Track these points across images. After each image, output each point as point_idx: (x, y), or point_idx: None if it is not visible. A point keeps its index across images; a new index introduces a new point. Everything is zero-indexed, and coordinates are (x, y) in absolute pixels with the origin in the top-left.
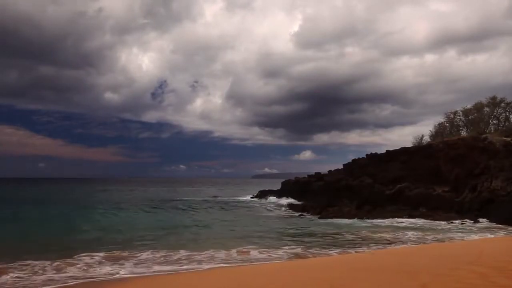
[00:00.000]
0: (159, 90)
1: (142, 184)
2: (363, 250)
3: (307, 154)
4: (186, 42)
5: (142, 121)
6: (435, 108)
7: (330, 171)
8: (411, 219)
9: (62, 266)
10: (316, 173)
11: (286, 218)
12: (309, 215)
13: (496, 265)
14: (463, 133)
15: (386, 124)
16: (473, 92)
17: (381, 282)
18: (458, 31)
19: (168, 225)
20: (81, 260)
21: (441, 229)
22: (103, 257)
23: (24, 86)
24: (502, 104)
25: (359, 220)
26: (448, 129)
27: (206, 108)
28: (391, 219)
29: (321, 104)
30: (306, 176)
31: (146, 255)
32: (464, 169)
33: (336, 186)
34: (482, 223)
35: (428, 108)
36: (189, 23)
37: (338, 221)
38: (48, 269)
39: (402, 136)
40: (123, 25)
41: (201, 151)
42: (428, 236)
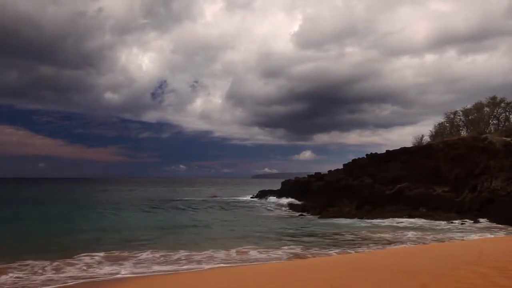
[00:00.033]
0: (159, 90)
1: (142, 184)
2: (363, 250)
3: (307, 154)
4: (186, 42)
5: (142, 121)
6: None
7: (330, 171)
8: (411, 219)
9: (62, 266)
10: (316, 173)
11: (286, 218)
12: (309, 215)
13: (496, 265)
14: (463, 133)
15: (386, 124)
16: (473, 92)
17: (381, 282)
18: (458, 31)
19: (168, 225)
20: (81, 260)
21: (441, 229)
22: (103, 257)
23: (24, 86)
24: (502, 104)
25: (359, 220)
26: (448, 129)
27: (206, 108)
28: (391, 219)
29: (321, 104)
30: (306, 176)
31: (145, 255)
32: (464, 169)
33: (336, 186)
34: (482, 223)
35: (428, 108)
36: (189, 23)
37: (338, 221)
38: (48, 269)
39: (402, 136)
40: (123, 25)
41: (201, 151)
42: (428, 236)
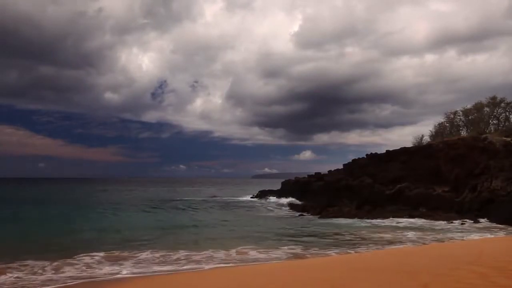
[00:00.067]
0: (159, 90)
1: (142, 184)
2: (363, 250)
3: (307, 154)
4: (186, 42)
5: (142, 121)
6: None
7: (330, 171)
8: (411, 219)
9: (62, 266)
10: (316, 173)
11: (286, 218)
12: (309, 215)
13: (496, 265)
14: (463, 133)
15: (386, 124)
16: (473, 92)
17: (381, 282)
18: (458, 31)
19: (167, 225)
20: (81, 260)
21: (441, 229)
22: (102, 257)
23: (24, 86)
24: (502, 104)
25: (359, 220)
26: (448, 129)
27: (206, 108)
28: (391, 219)
29: (321, 104)
30: (306, 176)
31: (145, 255)
32: (464, 169)
33: (336, 186)
34: (482, 223)
35: (428, 108)
36: (189, 23)
37: (338, 221)
38: (47, 269)
39: (402, 136)
40: (123, 25)
41: (201, 151)
42: (428, 236)
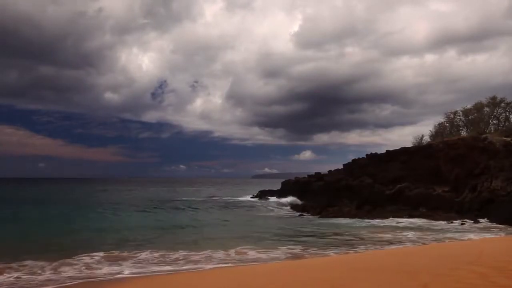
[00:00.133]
0: (159, 90)
1: (142, 184)
2: (363, 250)
3: (307, 154)
4: (186, 42)
5: (142, 121)
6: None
7: (330, 171)
8: (411, 219)
9: (62, 266)
10: (316, 173)
11: (286, 218)
12: (309, 215)
13: (496, 265)
14: (463, 133)
15: (386, 124)
16: (473, 92)
17: (381, 282)
18: (458, 31)
19: (167, 225)
20: (81, 260)
21: (441, 229)
22: (102, 257)
23: (24, 86)
24: (502, 104)
25: (359, 220)
26: (448, 129)
27: (206, 108)
28: (391, 219)
29: (321, 104)
30: (306, 176)
31: (145, 255)
32: (464, 169)
33: (336, 186)
34: (482, 223)
35: (428, 108)
36: (189, 23)
37: (338, 221)
38: (47, 269)
39: (402, 136)
40: (123, 25)
41: (201, 151)
42: (428, 236)
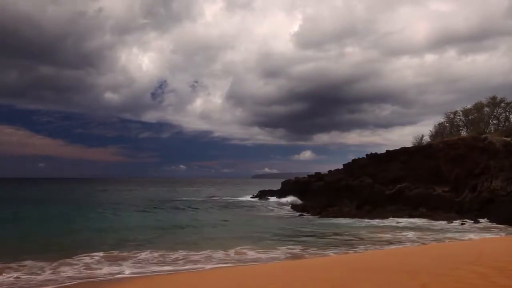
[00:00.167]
0: (159, 90)
1: (142, 184)
2: (363, 250)
3: (307, 154)
4: (186, 42)
5: (142, 121)
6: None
7: (330, 171)
8: (411, 219)
9: (62, 266)
10: (316, 173)
11: (286, 218)
12: (309, 215)
13: (496, 265)
14: (463, 133)
15: (386, 124)
16: (473, 92)
17: (381, 282)
18: (458, 31)
19: (167, 225)
20: (81, 260)
21: (441, 229)
22: (102, 257)
23: (24, 86)
24: (502, 104)
25: (359, 220)
26: (448, 129)
27: (206, 108)
28: (391, 219)
29: (321, 104)
30: (306, 176)
31: (145, 255)
32: (464, 169)
33: (336, 186)
34: (482, 223)
35: (428, 108)
36: (189, 23)
37: (338, 221)
38: (47, 269)
39: (402, 136)
40: (123, 25)
41: (201, 151)
42: (428, 236)
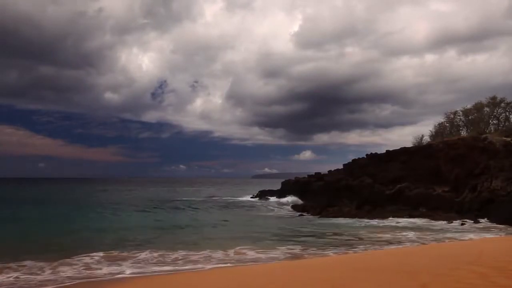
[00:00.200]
0: (159, 90)
1: (142, 184)
2: (363, 250)
3: (307, 154)
4: (186, 42)
5: (142, 121)
6: (435, 108)
7: (330, 171)
8: (411, 219)
9: (61, 266)
10: (316, 173)
11: (286, 218)
12: (309, 215)
13: (496, 265)
14: (463, 133)
15: (386, 124)
16: (473, 92)
17: (381, 282)
18: (458, 31)
19: (167, 225)
20: (80, 260)
21: (441, 229)
22: (102, 257)
23: (24, 86)
24: (502, 104)
25: (359, 220)
26: (448, 129)
27: (206, 108)
28: (391, 219)
29: (321, 104)
30: (306, 176)
31: (144, 255)
32: (464, 169)
33: (336, 186)
34: (482, 223)
35: (428, 108)
36: (189, 23)
37: (338, 221)
38: (47, 269)
39: (402, 136)
40: (123, 25)
41: (201, 151)
42: (428, 236)
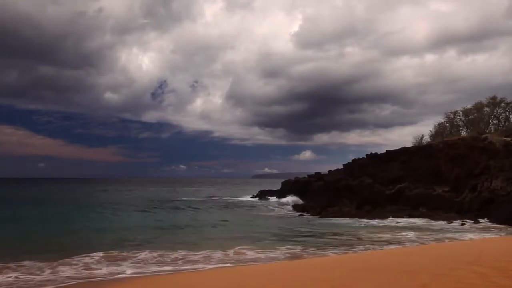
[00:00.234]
0: (159, 90)
1: (142, 184)
2: (362, 250)
3: (307, 154)
4: (186, 42)
5: (142, 121)
6: (435, 108)
7: (330, 171)
8: (411, 219)
9: (61, 266)
10: (316, 173)
11: (286, 218)
12: (309, 215)
13: (496, 265)
14: (463, 133)
15: (386, 124)
16: (473, 92)
17: (381, 282)
18: (458, 31)
19: (167, 225)
20: (80, 260)
21: (441, 229)
22: (102, 257)
23: (24, 86)
24: (502, 104)
25: (359, 220)
26: (448, 129)
27: (206, 108)
28: (391, 219)
29: (321, 104)
30: (306, 176)
31: (144, 255)
32: (464, 169)
33: (336, 186)
34: (482, 223)
35: (428, 108)
36: (189, 23)
37: (338, 221)
38: (46, 269)
39: (402, 136)
40: (123, 25)
41: (201, 151)
42: (428, 236)
